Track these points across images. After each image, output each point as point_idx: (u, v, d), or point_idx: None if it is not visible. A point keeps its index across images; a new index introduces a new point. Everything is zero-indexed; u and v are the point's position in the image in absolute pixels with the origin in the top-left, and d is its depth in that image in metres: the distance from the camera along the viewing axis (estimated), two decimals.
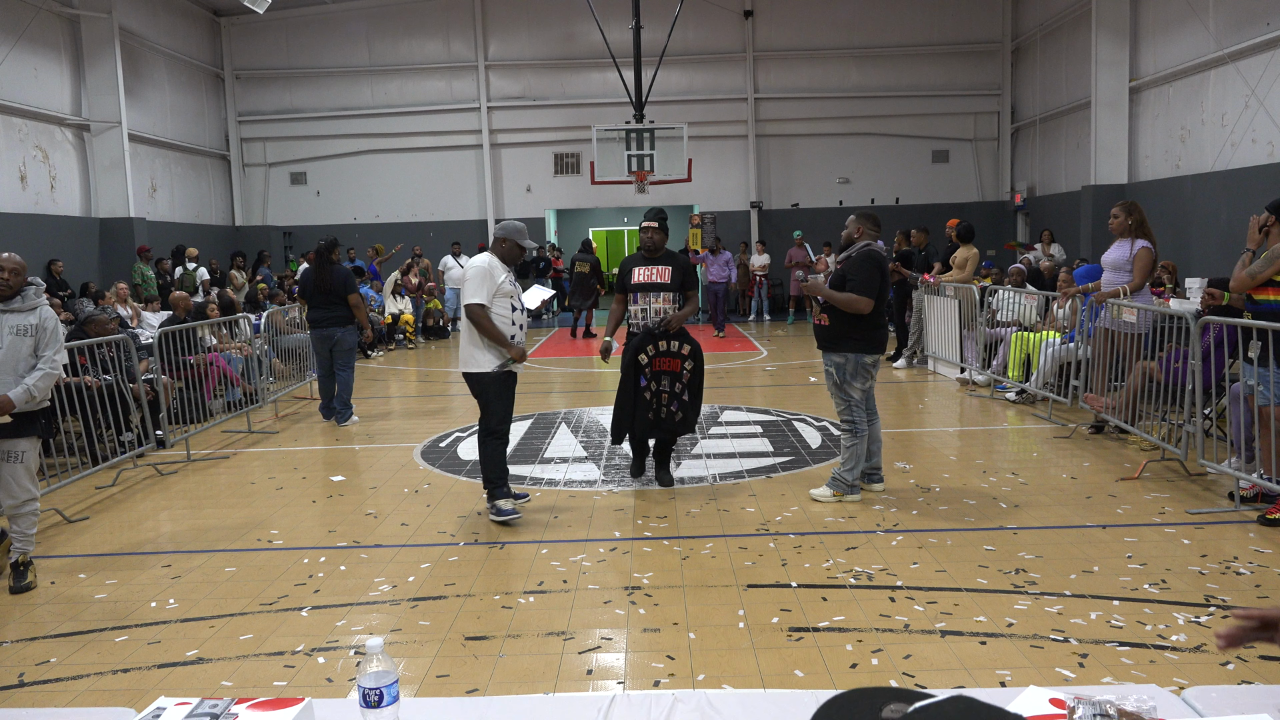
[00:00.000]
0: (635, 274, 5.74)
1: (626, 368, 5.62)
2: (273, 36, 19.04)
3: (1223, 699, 1.78)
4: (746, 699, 1.91)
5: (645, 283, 5.71)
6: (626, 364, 5.62)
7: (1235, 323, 5.21)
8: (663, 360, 5.62)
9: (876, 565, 4.37)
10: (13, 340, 4.44)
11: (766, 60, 19.03)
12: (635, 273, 5.74)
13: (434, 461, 6.85)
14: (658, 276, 5.72)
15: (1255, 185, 10.87)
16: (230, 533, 5.27)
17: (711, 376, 10.86)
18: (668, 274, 5.72)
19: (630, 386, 5.61)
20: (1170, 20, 13.10)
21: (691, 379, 5.64)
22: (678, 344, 5.63)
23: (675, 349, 5.63)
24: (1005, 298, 9.31)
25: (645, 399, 5.61)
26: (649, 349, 5.61)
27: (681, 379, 5.62)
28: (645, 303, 5.69)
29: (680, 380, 5.62)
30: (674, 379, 5.62)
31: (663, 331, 5.60)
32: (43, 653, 3.71)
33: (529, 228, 19.77)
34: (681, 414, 5.65)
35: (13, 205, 12.71)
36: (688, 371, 5.62)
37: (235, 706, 1.76)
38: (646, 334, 5.61)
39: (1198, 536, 4.67)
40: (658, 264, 5.75)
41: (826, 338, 5.31)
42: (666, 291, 5.69)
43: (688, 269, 5.79)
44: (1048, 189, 17.39)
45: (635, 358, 5.60)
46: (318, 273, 8.37)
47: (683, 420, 5.66)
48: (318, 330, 8.41)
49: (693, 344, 5.65)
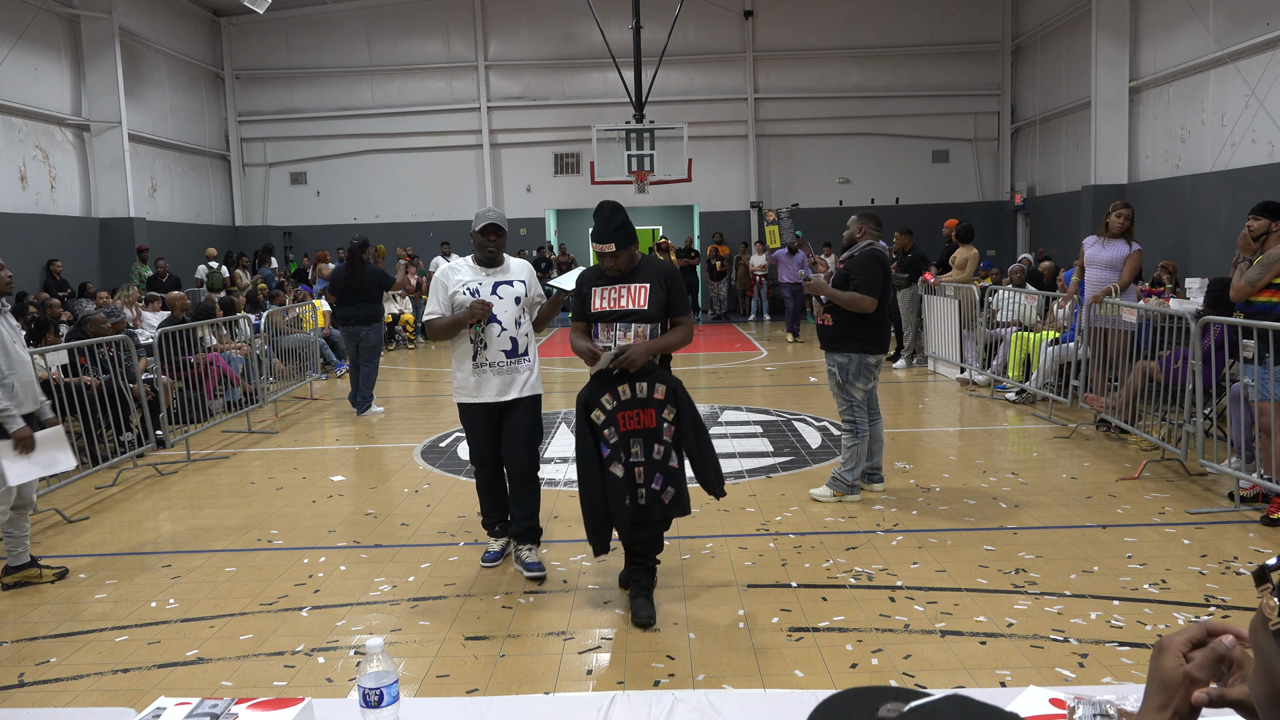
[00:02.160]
0: (595, 296, 3.87)
1: (580, 433, 3.81)
2: (273, 36, 19.04)
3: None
4: (746, 699, 1.91)
5: (609, 310, 3.82)
6: (580, 426, 3.81)
7: (1236, 323, 5.21)
8: (629, 414, 3.76)
9: (876, 565, 4.37)
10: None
11: (766, 60, 19.03)
12: (596, 295, 3.87)
13: (434, 461, 6.85)
14: (629, 300, 3.81)
15: (1255, 185, 10.86)
16: (230, 533, 5.27)
17: (711, 376, 10.87)
18: (644, 295, 3.80)
19: (592, 462, 3.77)
20: (1170, 20, 13.10)
21: (678, 434, 3.81)
22: (646, 386, 3.77)
23: (644, 394, 3.76)
24: (1005, 298, 9.31)
25: (616, 477, 3.74)
26: (605, 399, 3.77)
27: (661, 437, 3.77)
28: (608, 339, 3.80)
29: (660, 439, 3.77)
30: (651, 439, 3.76)
31: (620, 371, 3.73)
32: (43, 653, 3.71)
33: (529, 228, 19.97)
34: (674, 491, 3.79)
35: (13, 205, 12.71)
36: (668, 425, 3.79)
37: (235, 706, 1.76)
38: (598, 379, 3.80)
39: (1198, 536, 4.66)
40: (632, 280, 3.84)
41: (830, 338, 5.30)
42: (640, 324, 3.79)
43: (674, 283, 3.89)
44: (1048, 189, 17.39)
45: (588, 416, 3.79)
46: (349, 271, 8.63)
47: (676, 501, 3.81)
48: (346, 327, 8.81)
49: (670, 382, 3.82)
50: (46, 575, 4.51)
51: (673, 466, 3.78)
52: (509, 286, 4.29)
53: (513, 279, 4.32)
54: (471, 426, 4.37)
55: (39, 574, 4.50)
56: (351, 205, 19.34)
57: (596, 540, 3.87)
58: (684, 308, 3.93)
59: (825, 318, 5.30)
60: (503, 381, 4.26)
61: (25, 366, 4.46)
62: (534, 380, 4.34)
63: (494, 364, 4.24)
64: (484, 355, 4.23)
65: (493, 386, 4.25)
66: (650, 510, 3.77)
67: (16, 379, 4.38)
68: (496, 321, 4.21)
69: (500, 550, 4.59)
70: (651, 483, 3.76)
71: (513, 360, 4.26)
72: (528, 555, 4.38)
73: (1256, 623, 0.95)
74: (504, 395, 4.26)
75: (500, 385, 4.26)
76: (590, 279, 3.93)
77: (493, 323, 4.20)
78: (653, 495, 3.77)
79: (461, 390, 4.33)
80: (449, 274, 4.30)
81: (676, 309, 3.90)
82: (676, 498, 3.80)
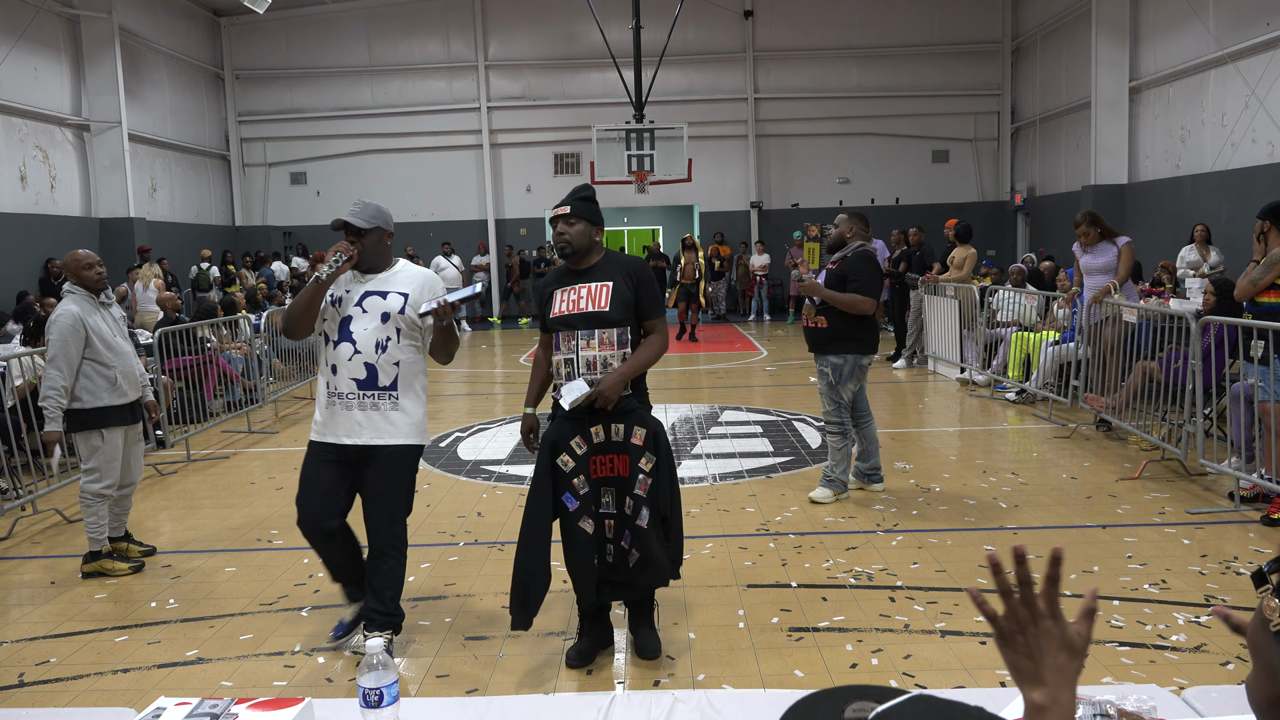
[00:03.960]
0: (556, 300, 3.36)
1: (540, 477, 3.27)
2: (273, 36, 19.04)
3: (1223, 699, 1.78)
4: (746, 699, 1.91)
5: (568, 314, 3.31)
6: (541, 472, 3.27)
7: (1235, 322, 5.21)
8: (602, 459, 3.27)
9: (876, 565, 4.37)
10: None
11: (766, 60, 19.03)
12: (557, 299, 3.36)
13: (434, 461, 6.85)
14: (588, 301, 3.31)
15: (1255, 185, 10.86)
16: (230, 533, 5.27)
17: (711, 376, 10.87)
18: (605, 295, 3.29)
19: (543, 520, 3.26)
20: (1170, 20, 13.10)
21: (653, 487, 3.25)
22: (623, 428, 3.27)
23: (620, 437, 3.26)
24: (1005, 298, 9.31)
25: (585, 534, 3.25)
26: (575, 443, 3.26)
27: (633, 489, 3.24)
28: (569, 349, 3.30)
29: (632, 491, 3.24)
30: (622, 490, 3.26)
31: (589, 407, 3.23)
32: (43, 653, 3.71)
33: (529, 228, 20.00)
34: (640, 553, 3.23)
35: (13, 205, 12.71)
36: (644, 476, 3.25)
37: (235, 706, 1.76)
38: (566, 417, 3.27)
39: (1198, 536, 4.66)
40: (590, 279, 3.35)
41: (825, 339, 5.26)
42: (606, 329, 3.28)
43: (642, 280, 3.37)
44: (1048, 189, 17.39)
45: (553, 460, 3.26)
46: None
47: (643, 564, 3.23)
48: None
49: (650, 425, 3.31)
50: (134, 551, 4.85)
51: (640, 526, 3.21)
52: (379, 299, 3.36)
53: (389, 290, 3.38)
54: (306, 468, 3.42)
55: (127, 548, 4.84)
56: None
57: (519, 611, 3.23)
58: (655, 309, 3.38)
59: (819, 320, 5.21)
60: (351, 420, 3.31)
61: (126, 358, 4.66)
62: (407, 426, 3.36)
63: (342, 395, 3.32)
64: (334, 382, 3.34)
65: (340, 425, 3.33)
66: (617, 570, 3.28)
67: (119, 370, 4.59)
68: (349, 341, 3.32)
69: (354, 619, 3.60)
70: (621, 540, 3.26)
71: (367, 393, 3.30)
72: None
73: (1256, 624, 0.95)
74: (354, 437, 3.32)
75: (349, 424, 3.32)
76: (551, 281, 3.44)
77: (344, 342, 3.32)
78: (620, 554, 3.27)
79: (314, 424, 3.43)
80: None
81: (646, 311, 3.34)
82: (642, 563, 3.22)
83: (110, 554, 4.64)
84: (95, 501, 4.57)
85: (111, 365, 4.55)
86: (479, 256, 19.01)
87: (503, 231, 19.53)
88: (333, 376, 3.34)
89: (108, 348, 4.54)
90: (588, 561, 3.25)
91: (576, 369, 3.28)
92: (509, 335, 16.72)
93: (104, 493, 4.59)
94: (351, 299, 3.38)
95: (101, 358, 4.52)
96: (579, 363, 3.27)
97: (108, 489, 4.61)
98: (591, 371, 3.27)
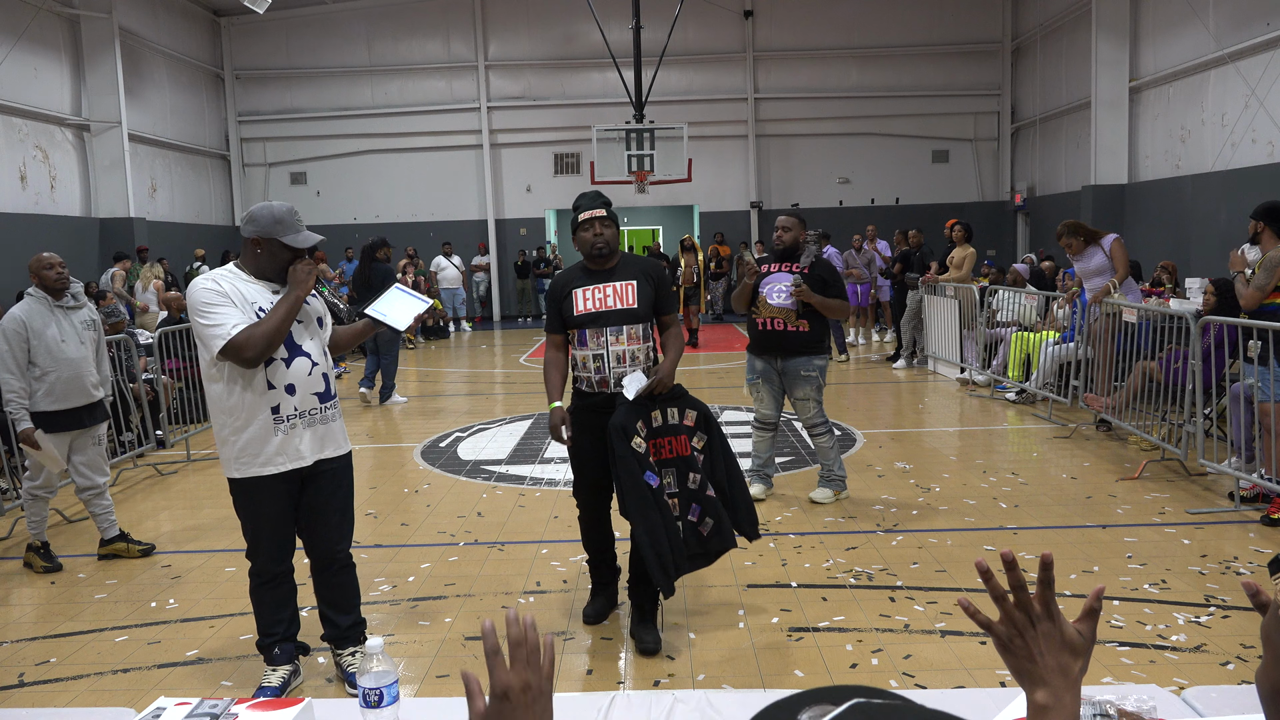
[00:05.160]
0: (578, 299, 3.58)
1: (625, 460, 3.37)
2: (273, 36, 19.04)
3: (1223, 699, 1.78)
4: (746, 699, 1.91)
5: (595, 312, 3.55)
6: (623, 455, 3.37)
7: (1235, 323, 5.21)
8: (660, 442, 3.51)
9: (876, 565, 4.37)
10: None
11: (766, 60, 19.03)
12: (578, 297, 3.58)
13: (434, 461, 6.85)
14: (615, 299, 3.56)
15: (1255, 185, 10.86)
16: (230, 533, 5.27)
17: (711, 377, 10.87)
18: (631, 293, 3.56)
19: (645, 491, 3.38)
20: (1170, 20, 13.10)
21: (708, 462, 3.57)
22: (676, 411, 3.55)
23: (675, 420, 3.54)
24: (1005, 298, 9.31)
25: (669, 505, 3.46)
26: (639, 426, 3.45)
27: (696, 465, 3.52)
28: (598, 345, 3.54)
29: (695, 468, 3.52)
30: (685, 468, 3.52)
31: (647, 395, 3.47)
32: (43, 653, 3.71)
33: (529, 228, 19.99)
34: (713, 522, 3.51)
35: (13, 205, 12.71)
36: (698, 453, 3.55)
37: (235, 706, 1.76)
38: (632, 405, 3.44)
39: (1198, 536, 4.66)
40: (612, 278, 3.59)
41: (808, 343, 5.22)
42: (633, 324, 3.56)
43: (661, 279, 3.66)
44: (1048, 189, 17.40)
45: (629, 445, 3.38)
46: (361, 269, 9.41)
47: (716, 533, 3.52)
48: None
49: (699, 407, 3.60)
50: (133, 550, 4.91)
51: (710, 496, 3.50)
52: (305, 306, 3.19)
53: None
54: (265, 508, 3.14)
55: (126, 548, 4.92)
56: (351, 205, 19.34)
57: (666, 579, 3.36)
58: (672, 305, 3.71)
59: (800, 324, 5.17)
60: (315, 436, 3.15)
61: (73, 364, 4.66)
62: (345, 432, 3.33)
63: (305, 413, 3.10)
64: (290, 403, 3.08)
65: (305, 445, 3.12)
66: (688, 543, 3.46)
67: (57, 376, 4.61)
68: (304, 355, 3.11)
69: (289, 676, 3.27)
70: (688, 514, 3.48)
71: (327, 406, 3.18)
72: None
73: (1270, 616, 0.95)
74: (320, 453, 3.18)
75: (314, 442, 3.15)
76: (569, 280, 3.62)
77: (299, 357, 3.10)
78: (689, 528, 3.48)
79: (252, 459, 3.06)
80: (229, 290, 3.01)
81: (665, 307, 3.66)
82: (716, 530, 3.49)
83: (40, 549, 4.73)
84: (29, 501, 4.78)
85: (48, 371, 4.57)
86: (479, 257, 19.02)
87: (503, 231, 19.53)
88: (289, 397, 3.06)
89: (48, 354, 4.57)
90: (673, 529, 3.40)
91: (607, 363, 3.54)
92: (509, 335, 16.72)
93: (35, 493, 4.75)
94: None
95: (38, 362, 4.56)
96: (609, 357, 3.53)
97: (39, 489, 4.75)
98: (621, 365, 3.54)
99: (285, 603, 3.29)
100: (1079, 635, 1.02)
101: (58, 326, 4.63)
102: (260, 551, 3.21)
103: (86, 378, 4.74)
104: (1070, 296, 7.71)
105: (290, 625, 3.30)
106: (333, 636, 3.37)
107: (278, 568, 3.24)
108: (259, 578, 3.24)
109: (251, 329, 2.94)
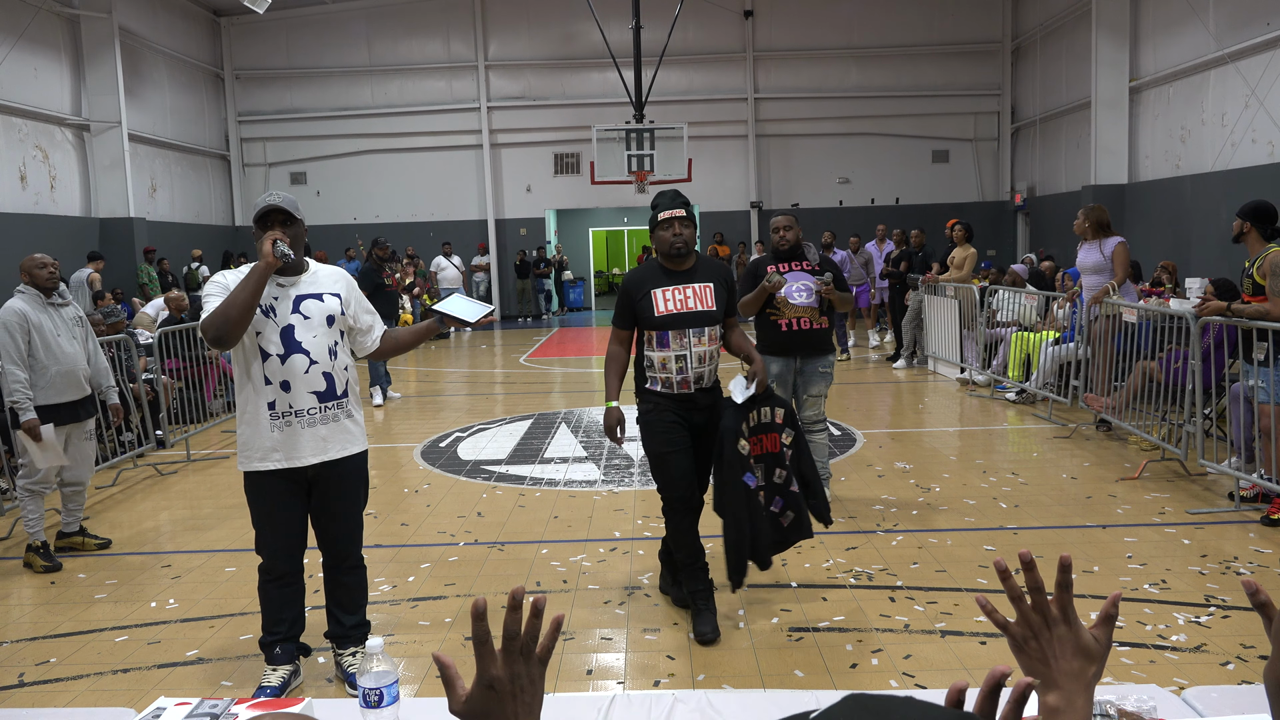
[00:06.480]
0: (658, 300, 3.57)
1: (731, 467, 3.52)
2: (273, 36, 19.04)
3: (1223, 699, 1.78)
4: (746, 699, 1.91)
5: (679, 313, 3.56)
6: (729, 461, 3.51)
7: (1235, 323, 5.21)
8: (756, 439, 3.64)
9: (876, 565, 4.37)
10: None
11: (766, 60, 19.03)
12: (658, 298, 3.57)
13: (434, 461, 6.85)
14: (696, 301, 3.59)
15: (1255, 185, 10.86)
16: (230, 533, 5.27)
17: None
18: (710, 295, 3.61)
19: (742, 492, 3.54)
20: (1170, 20, 13.10)
21: (795, 456, 3.73)
22: (769, 410, 3.68)
23: (769, 418, 3.67)
24: (1005, 298, 9.31)
25: (760, 505, 3.62)
26: (743, 428, 3.59)
27: (784, 461, 3.68)
28: (680, 346, 3.56)
29: (782, 463, 3.68)
30: (773, 463, 3.67)
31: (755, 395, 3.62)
32: (43, 653, 3.71)
33: (529, 228, 20.00)
34: (794, 515, 3.70)
35: (13, 205, 12.71)
36: (787, 449, 3.70)
37: (235, 706, 1.76)
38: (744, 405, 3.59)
39: (1198, 536, 4.67)
40: (693, 279, 3.61)
41: (826, 339, 5.27)
42: (712, 326, 3.61)
43: (731, 283, 3.75)
44: (1048, 189, 17.39)
45: (735, 445, 3.52)
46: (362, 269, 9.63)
47: (795, 525, 3.72)
48: None
49: (786, 405, 3.77)
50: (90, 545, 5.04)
51: (794, 491, 3.68)
52: (317, 302, 3.13)
53: (322, 291, 3.16)
54: (269, 504, 3.15)
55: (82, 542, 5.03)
56: (351, 205, 19.34)
57: (738, 576, 3.60)
58: (734, 308, 3.84)
59: (822, 321, 5.16)
60: (316, 437, 3.10)
61: (68, 358, 4.79)
62: (360, 433, 3.25)
63: (302, 412, 3.07)
64: (286, 400, 3.06)
65: (304, 444, 3.09)
66: (772, 535, 3.67)
67: (55, 371, 4.73)
68: (302, 352, 3.05)
69: (288, 677, 3.25)
70: (770, 506, 3.66)
71: (328, 405, 3.11)
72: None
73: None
74: (320, 455, 3.12)
75: (314, 442, 3.10)
76: (645, 280, 3.61)
77: (295, 353, 3.05)
78: (771, 519, 3.66)
79: (252, 453, 3.11)
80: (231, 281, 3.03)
81: (732, 309, 3.78)
82: (796, 521, 3.71)
83: (40, 549, 4.76)
84: (25, 497, 4.82)
85: (47, 366, 4.71)
86: (479, 257, 19.02)
87: (503, 231, 19.54)
88: (284, 394, 3.04)
89: (45, 348, 4.71)
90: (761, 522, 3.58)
91: (689, 364, 3.58)
92: (509, 335, 16.72)
93: (31, 488, 4.81)
94: (285, 305, 3.08)
95: (37, 356, 4.68)
96: (691, 358, 3.58)
97: (35, 484, 4.81)
98: (701, 365, 3.60)
99: (290, 603, 3.26)
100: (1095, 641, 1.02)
101: (51, 322, 4.78)
102: (265, 547, 3.21)
103: (80, 372, 4.89)
104: (1071, 296, 7.71)
105: (293, 626, 3.28)
106: (336, 634, 3.37)
107: (284, 567, 3.21)
108: (266, 574, 3.25)
109: (213, 315, 2.94)
